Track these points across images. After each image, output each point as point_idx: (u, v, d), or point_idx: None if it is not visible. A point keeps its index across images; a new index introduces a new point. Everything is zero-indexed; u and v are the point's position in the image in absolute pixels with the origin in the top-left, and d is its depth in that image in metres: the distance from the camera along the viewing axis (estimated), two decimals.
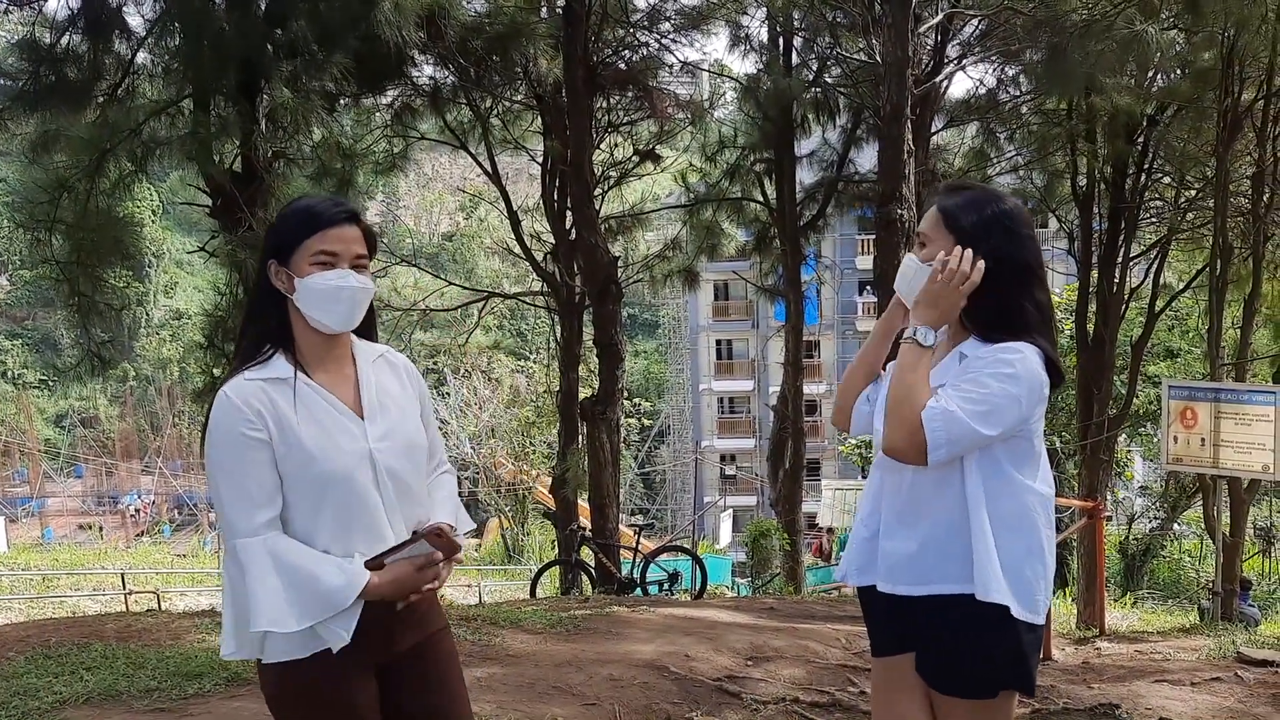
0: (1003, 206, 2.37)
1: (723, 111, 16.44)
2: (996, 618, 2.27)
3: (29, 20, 9.12)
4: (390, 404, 2.28)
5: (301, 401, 2.15)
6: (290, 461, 2.11)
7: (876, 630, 2.57)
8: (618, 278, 12.83)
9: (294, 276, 2.16)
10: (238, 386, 2.13)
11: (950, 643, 2.34)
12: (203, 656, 5.20)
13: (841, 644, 6.35)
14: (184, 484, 44.02)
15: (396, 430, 2.25)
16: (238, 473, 2.08)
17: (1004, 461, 2.30)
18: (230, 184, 8.86)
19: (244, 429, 2.08)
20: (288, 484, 2.12)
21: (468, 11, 11.77)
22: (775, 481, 16.71)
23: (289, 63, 9.05)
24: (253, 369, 2.17)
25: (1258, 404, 8.86)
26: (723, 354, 44.38)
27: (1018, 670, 2.32)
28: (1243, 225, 13.20)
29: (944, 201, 2.41)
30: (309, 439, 2.12)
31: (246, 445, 2.08)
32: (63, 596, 18.50)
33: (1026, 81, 14.25)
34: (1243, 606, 11.83)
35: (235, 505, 2.09)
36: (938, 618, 2.34)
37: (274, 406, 2.12)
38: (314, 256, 2.15)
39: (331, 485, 2.13)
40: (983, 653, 2.31)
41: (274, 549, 2.08)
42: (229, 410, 2.10)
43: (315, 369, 2.21)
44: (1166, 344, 22.37)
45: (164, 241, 53.71)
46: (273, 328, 2.21)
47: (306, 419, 2.14)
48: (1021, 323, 2.32)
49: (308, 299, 2.16)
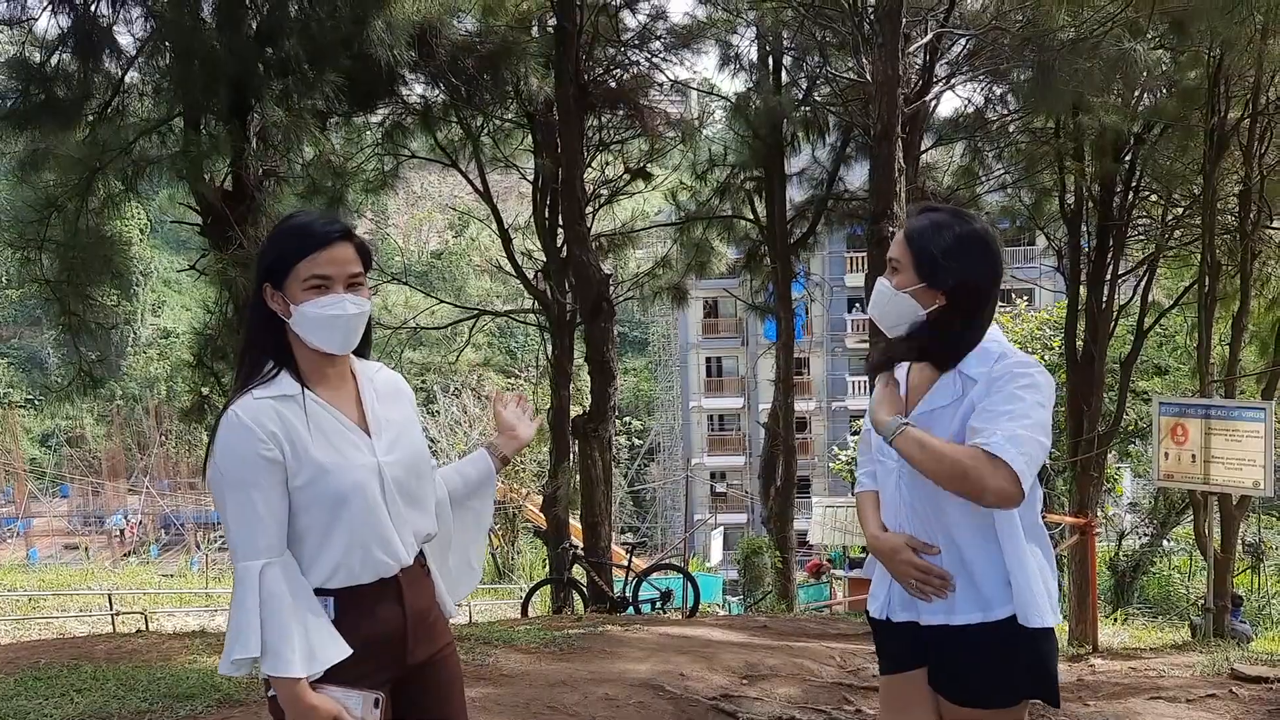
0: (967, 229, 2.36)
1: (713, 130, 16.53)
2: (1015, 629, 2.28)
3: (18, 39, 9.11)
4: (393, 419, 2.29)
5: (311, 418, 2.15)
6: (303, 478, 2.10)
7: (891, 653, 2.56)
8: (609, 295, 12.84)
9: (289, 302, 2.14)
10: (248, 406, 2.11)
11: (970, 657, 2.34)
12: (194, 678, 5.16)
13: (836, 662, 6.33)
14: (171, 503, 43.72)
15: (401, 444, 2.26)
16: (247, 494, 2.07)
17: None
18: (221, 202, 8.85)
19: (259, 450, 2.07)
20: (302, 500, 2.11)
21: (459, 30, 11.81)
22: (766, 499, 16.68)
23: (280, 81, 9.06)
24: (259, 387, 2.15)
25: (1248, 420, 8.89)
26: (713, 371, 44.36)
27: (1042, 679, 2.33)
28: (1230, 243, 13.27)
29: (911, 226, 2.42)
30: (321, 455, 2.12)
31: (259, 467, 2.07)
32: (49, 617, 18.32)
33: (1014, 100, 14.33)
34: (1234, 623, 11.84)
35: (240, 528, 2.08)
36: (958, 637, 2.34)
37: (286, 425, 2.11)
38: (306, 281, 2.13)
39: (345, 500, 2.13)
40: (1004, 664, 2.32)
41: (267, 582, 2.05)
42: (240, 431, 2.08)
43: (318, 385, 2.21)
44: (1155, 361, 22.47)
45: (152, 260, 53.58)
46: (272, 347, 2.20)
47: (317, 435, 2.14)
48: (981, 338, 2.36)
49: (304, 326, 2.15)
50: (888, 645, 2.57)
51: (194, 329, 11.43)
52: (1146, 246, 15.74)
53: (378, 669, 2.18)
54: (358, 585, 2.16)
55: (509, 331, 48.06)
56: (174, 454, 46.59)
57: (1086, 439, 14.28)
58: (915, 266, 2.36)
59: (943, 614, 2.35)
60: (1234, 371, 12.83)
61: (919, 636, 2.42)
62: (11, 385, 54.29)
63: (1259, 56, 11.01)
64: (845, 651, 6.63)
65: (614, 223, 15.84)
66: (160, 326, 56.11)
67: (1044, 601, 2.27)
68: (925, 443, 2.26)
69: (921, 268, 2.35)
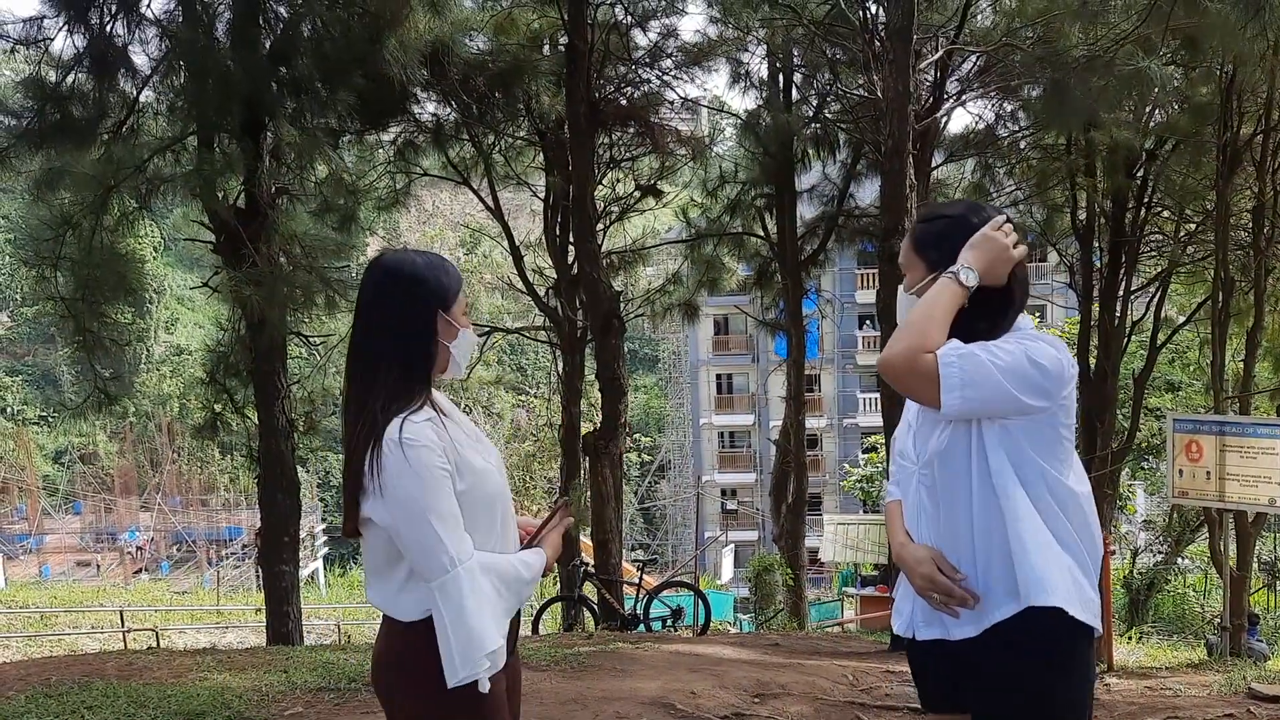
0: (957, 210, 2.37)
1: (723, 147, 16.54)
2: (1051, 630, 2.21)
3: (35, 59, 9.19)
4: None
5: (459, 427, 2.33)
6: (466, 483, 2.24)
7: (927, 691, 2.50)
8: (620, 312, 12.85)
9: (457, 327, 2.33)
10: (416, 428, 2.20)
11: (1000, 670, 2.26)
12: (205, 695, 5.15)
13: (849, 680, 6.29)
14: (183, 520, 43.80)
15: (495, 455, 2.43)
16: (443, 507, 2.18)
17: (1039, 461, 2.23)
18: (234, 220, 8.91)
19: (437, 464, 2.19)
20: (470, 506, 2.25)
21: (471, 49, 11.89)
22: (777, 516, 16.64)
23: (293, 100, 9.13)
24: (414, 412, 2.23)
25: (1263, 437, 8.84)
26: (723, 388, 44.31)
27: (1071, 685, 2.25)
28: (1243, 259, 13.24)
29: (917, 230, 2.42)
30: (475, 460, 2.29)
31: (440, 478, 2.19)
32: (61, 634, 18.37)
33: (1025, 116, 14.33)
34: (1251, 641, 11.75)
35: (450, 537, 2.18)
36: (995, 652, 2.27)
37: (448, 438, 2.25)
38: (467, 309, 2.37)
39: (497, 500, 2.34)
40: (1038, 661, 2.24)
41: (480, 564, 2.23)
42: (421, 446, 2.18)
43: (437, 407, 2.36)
44: (1168, 377, 22.37)
45: (165, 277, 53.84)
46: (419, 371, 2.30)
47: (467, 445, 2.30)
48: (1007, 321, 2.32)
49: (462, 349, 2.36)
50: (921, 674, 2.50)
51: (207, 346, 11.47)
52: (1159, 262, 15.71)
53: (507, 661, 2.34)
54: None
55: (520, 348, 48.11)
56: (186, 471, 46.69)
57: (1100, 456, 14.21)
58: (918, 259, 2.37)
59: (972, 625, 2.28)
60: (1248, 388, 12.79)
61: (953, 663, 2.33)
62: (25, 402, 54.50)
63: (1271, 72, 11.01)
64: (858, 670, 6.58)
65: (625, 240, 15.88)
66: (173, 343, 56.32)
67: (1054, 580, 2.18)
68: (943, 302, 2.22)
69: (924, 258, 2.36)
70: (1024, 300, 2.34)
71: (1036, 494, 2.23)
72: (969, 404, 2.16)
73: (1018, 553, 2.20)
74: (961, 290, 2.23)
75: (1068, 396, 2.24)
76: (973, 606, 2.26)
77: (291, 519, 9.65)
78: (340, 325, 11.36)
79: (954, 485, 2.28)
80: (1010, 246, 2.26)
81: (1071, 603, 2.19)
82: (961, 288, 2.23)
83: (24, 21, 8.89)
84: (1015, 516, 2.21)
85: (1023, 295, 2.33)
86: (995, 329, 2.28)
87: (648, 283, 17.25)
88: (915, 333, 2.18)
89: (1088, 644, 2.29)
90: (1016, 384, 2.14)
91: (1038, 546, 2.20)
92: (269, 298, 8.62)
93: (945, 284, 2.24)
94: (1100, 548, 2.34)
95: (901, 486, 2.49)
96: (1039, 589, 2.18)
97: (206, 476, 46.89)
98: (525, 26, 12.56)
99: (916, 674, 2.55)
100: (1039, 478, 2.23)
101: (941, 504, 2.32)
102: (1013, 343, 2.20)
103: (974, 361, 2.14)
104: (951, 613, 2.28)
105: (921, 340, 2.16)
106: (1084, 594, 2.22)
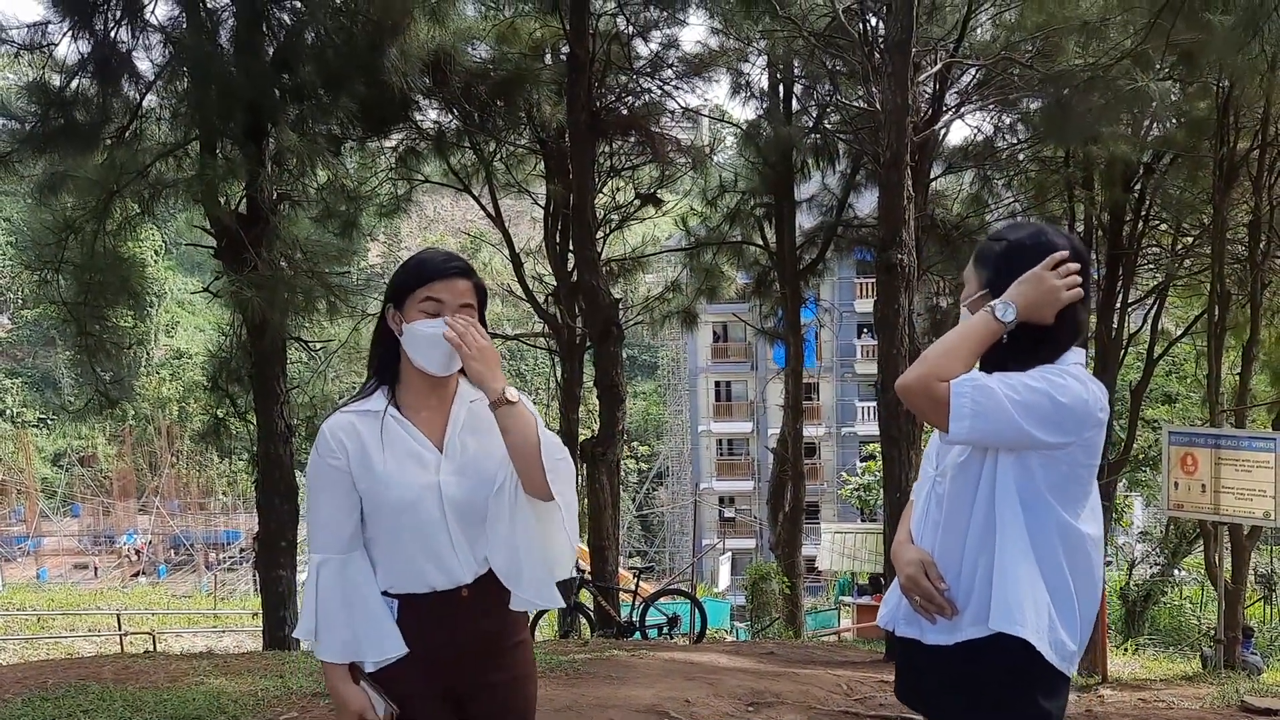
0: (1024, 233, 2.33)
1: (723, 156, 16.61)
2: (1018, 663, 2.21)
3: (39, 64, 9.23)
4: (473, 442, 2.38)
5: (386, 433, 2.32)
6: (364, 486, 2.31)
7: (901, 678, 2.55)
8: (618, 320, 12.88)
9: (404, 321, 2.33)
10: (332, 419, 2.36)
11: (965, 684, 2.30)
12: (201, 699, 5.17)
13: (844, 690, 6.31)
14: (181, 524, 43.76)
15: (471, 466, 2.35)
16: (316, 497, 2.34)
17: (1047, 495, 2.22)
18: (236, 225, 8.94)
19: (327, 459, 2.31)
20: (368, 508, 2.32)
21: (473, 57, 11.95)
22: (775, 524, 16.67)
23: (295, 106, 9.18)
24: (355, 402, 2.39)
25: (1258, 450, 8.85)
26: (722, 396, 44.30)
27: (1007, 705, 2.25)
28: (1240, 272, 13.28)
29: (981, 245, 2.43)
30: (382, 468, 2.30)
31: (325, 473, 2.31)
32: (58, 637, 18.37)
33: (1024, 129, 14.37)
34: (1245, 654, 11.76)
35: (311, 525, 2.35)
36: (962, 666, 2.30)
37: (358, 437, 2.31)
38: (422, 304, 2.31)
39: (401, 513, 2.30)
40: (997, 696, 2.26)
41: (323, 575, 2.31)
42: (319, 441, 2.34)
43: (419, 406, 2.37)
44: (1165, 389, 22.40)
45: (166, 281, 53.88)
46: (380, 366, 2.40)
47: (387, 450, 2.31)
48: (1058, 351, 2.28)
49: (411, 343, 2.32)
50: (899, 664, 2.56)
51: (208, 351, 11.50)
52: (1156, 275, 15.75)
53: (429, 676, 2.32)
54: (414, 594, 2.32)
55: (519, 355, 48.14)
56: (184, 474, 46.69)
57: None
58: (975, 274, 2.38)
59: (946, 635, 2.31)
60: (1244, 401, 12.81)
61: (925, 664, 2.38)
62: (25, 405, 54.50)
63: (1268, 88, 11.06)
64: (853, 679, 6.61)
65: (624, 248, 15.93)
66: (173, 347, 56.35)
67: (1026, 613, 2.18)
68: (973, 335, 2.23)
69: (980, 275, 2.36)
70: (1070, 341, 2.30)
71: (1039, 528, 2.23)
72: (976, 434, 2.17)
73: (998, 580, 2.22)
74: (998, 326, 2.22)
75: (1091, 437, 2.22)
76: (949, 616, 2.30)
77: (289, 524, 9.68)
78: (340, 331, 11.40)
79: (960, 501, 2.32)
80: (1062, 289, 2.22)
81: (1041, 640, 2.19)
82: (998, 323, 2.22)
83: (29, 27, 8.93)
84: (1005, 545, 2.23)
85: (1070, 336, 2.29)
86: (1027, 366, 2.24)
87: (647, 290, 17.30)
88: (936, 361, 2.20)
89: (1060, 684, 2.28)
90: (1030, 419, 2.14)
91: (1017, 579, 2.21)
92: (270, 302, 8.66)
93: (983, 318, 2.24)
94: (1099, 596, 2.33)
95: (919, 489, 2.54)
96: (1007, 618, 2.19)
97: (205, 480, 46.89)
98: (527, 36, 12.62)
99: (897, 665, 2.61)
100: (1046, 513, 2.23)
101: (946, 515, 2.36)
102: (1039, 378, 2.18)
103: (987, 393, 2.14)
104: (929, 617, 2.33)
105: (939, 370, 2.18)
106: (1055, 635, 2.21)
